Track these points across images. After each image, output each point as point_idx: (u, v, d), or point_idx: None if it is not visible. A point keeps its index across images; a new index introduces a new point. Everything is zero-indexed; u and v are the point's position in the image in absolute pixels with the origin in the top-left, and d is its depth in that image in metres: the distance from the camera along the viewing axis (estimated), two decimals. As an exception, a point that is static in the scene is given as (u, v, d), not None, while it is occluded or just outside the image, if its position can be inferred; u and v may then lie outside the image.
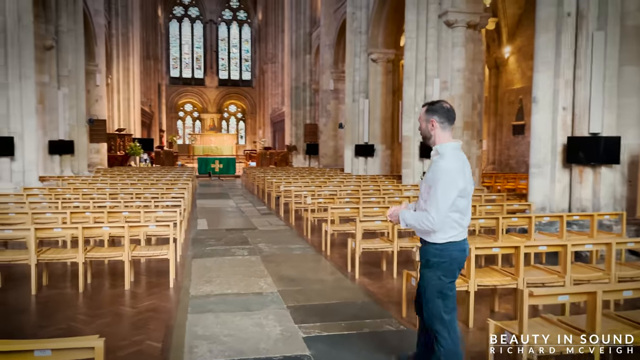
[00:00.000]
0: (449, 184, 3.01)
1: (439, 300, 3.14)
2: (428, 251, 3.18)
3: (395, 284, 6.32)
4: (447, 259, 3.13)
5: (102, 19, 22.50)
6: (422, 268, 3.24)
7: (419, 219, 3.08)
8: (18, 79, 11.94)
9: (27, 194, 9.80)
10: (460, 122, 13.63)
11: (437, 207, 3.01)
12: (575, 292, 3.36)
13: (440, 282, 3.13)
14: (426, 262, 3.19)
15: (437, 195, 3.01)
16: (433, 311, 3.16)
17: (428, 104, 3.26)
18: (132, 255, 5.97)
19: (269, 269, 7.07)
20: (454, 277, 3.20)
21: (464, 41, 13.49)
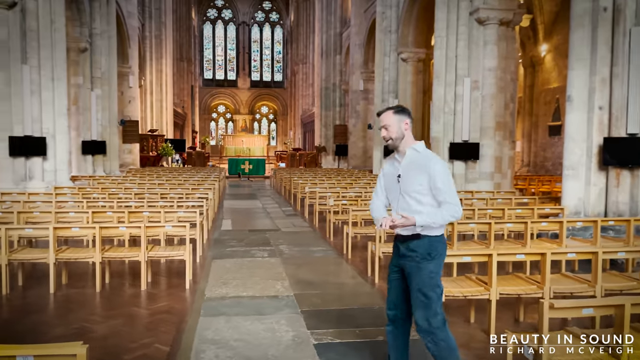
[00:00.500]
0: (447, 175, 3.13)
1: (436, 294, 3.15)
2: (430, 244, 3.16)
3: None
4: (443, 249, 3.22)
5: (136, 21, 22.91)
6: (421, 262, 3.16)
7: (444, 215, 3.08)
8: (50, 81, 12.21)
9: (55, 193, 9.98)
10: (492, 122, 13.23)
11: (454, 198, 3.10)
12: (601, 304, 3.08)
13: (437, 274, 3.18)
14: (428, 255, 3.15)
15: (451, 188, 3.11)
16: (433, 306, 3.13)
17: (386, 109, 3.27)
18: (148, 255, 5.93)
19: (288, 271, 6.94)
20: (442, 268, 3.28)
21: (496, 39, 13.09)
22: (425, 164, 3.11)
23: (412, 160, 3.17)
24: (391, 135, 3.19)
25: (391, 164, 3.34)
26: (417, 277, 3.16)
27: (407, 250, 3.20)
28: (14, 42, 11.55)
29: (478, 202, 10.03)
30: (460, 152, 13.40)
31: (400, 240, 3.27)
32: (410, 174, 3.14)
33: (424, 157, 3.15)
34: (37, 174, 12.08)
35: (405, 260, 3.22)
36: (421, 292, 3.15)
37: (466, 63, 13.35)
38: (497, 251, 4.55)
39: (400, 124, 3.18)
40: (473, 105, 13.25)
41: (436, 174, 3.07)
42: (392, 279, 3.39)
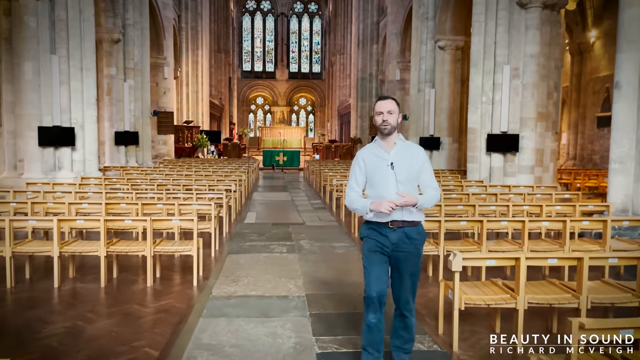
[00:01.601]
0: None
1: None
2: (420, 230, 3.42)
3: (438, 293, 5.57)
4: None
5: (171, 12, 22.92)
6: (419, 247, 3.41)
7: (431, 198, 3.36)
8: (79, 71, 12.21)
9: (79, 184, 9.93)
10: (533, 112, 12.40)
11: (436, 182, 3.42)
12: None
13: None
14: (422, 239, 3.43)
15: (432, 172, 3.45)
16: (416, 283, 3.47)
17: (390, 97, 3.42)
18: (154, 250, 5.66)
19: (304, 268, 6.56)
20: None
21: (539, 23, 12.22)
22: (415, 153, 3.39)
23: (401, 148, 3.38)
24: (391, 122, 3.33)
25: (373, 154, 3.42)
26: (414, 262, 3.38)
27: (404, 238, 3.33)
28: (43, 32, 11.57)
29: (515, 198, 9.35)
30: (499, 143, 12.64)
31: (394, 227, 3.33)
32: (404, 162, 3.33)
33: (410, 145, 3.43)
34: (66, 164, 12.13)
35: (404, 247, 3.34)
36: (415, 274, 3.43)
37: (506, 50, 12.54)
38: (526, 255, 4.00)
39: (398, 115, 3.38)
40: (513, 94, 12.45)
41: (425, 161, 3.39)
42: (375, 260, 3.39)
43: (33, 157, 11.76)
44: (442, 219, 5.89)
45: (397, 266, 3.37)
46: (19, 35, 11.55)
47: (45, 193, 8.56)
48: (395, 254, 3.35)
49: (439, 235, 5.93)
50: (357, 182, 3.44)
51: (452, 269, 3.95)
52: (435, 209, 7.73)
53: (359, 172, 3.44)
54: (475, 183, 11.89)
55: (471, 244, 6.11)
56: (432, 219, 6.10)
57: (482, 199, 9.34)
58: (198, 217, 8.71)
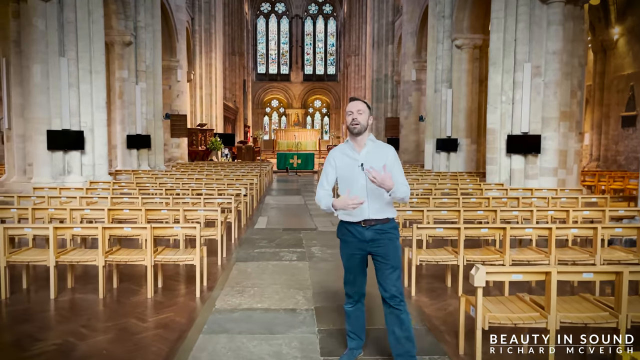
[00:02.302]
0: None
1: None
2: (395, 224, 3.50)
3: (457, 306, 5.16)
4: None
5: (184, 14, 22.79)
6: (395, 240, 3.46)
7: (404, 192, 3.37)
8: (89, 73, 12.04)
9: (87, 189, 9.70)
10: (556, 112, 11.90)
11: (405, 180, 3.45)
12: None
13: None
14: (396, 233, 3.48)
15: (402, 173, 3.46)
16: (398, 278, 3.47)
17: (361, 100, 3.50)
18: (155, 260, 5.34)
19: (314, 278, 6.20)
20: None
21: (562, 19, 11.73)
22: (385, 152, 3.45)
23: (371, 149, 3.44)
24: (362, 121, 3.39)
25: (344, 154, 3.49)
26: (393, 254, 3.42)
27: (378, 234, 3.41)
28: (52, 35, 11.41)
29: (538, 202, 8.87)
30: (519, 145, 12.15)
31: (366, 226, 3.42)
32: (374, 162, 3.35)
33: (380, 145, 3.48)
34: (76, 169, 11.94)
35: (379, 242, 3.41)
36: (396, 266, 3.44)
37: (526, 47, 12.05)
38: (557, 269, 3.58)
39: (369, 116, 3.44)
40: (534, 93, 11.96)
41: (395, 160, 3.46)
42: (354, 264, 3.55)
43: (42, 161, 11.59)
44: (462, 226, 5.47)
45: (378, 262, 3.45)
46: (27, 37, 11.41)
47: (50, 198, 8.34)
48: (373, 249, 3.43)
49: (458, 243, 5.52)
50: (328, 180, 3.55)
51: (475, 285, 3.55)
52: (454, 214, 7.32)
53: (330, 171, 3.54)
54: (495, 186, 11.41)
55: (493, 252, 5.68)
56: (451, 227, 5.69)
57: (502, 203, 8.89)
58: (206, 223, 8.44)
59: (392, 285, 3.43)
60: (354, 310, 3.69)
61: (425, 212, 6.98)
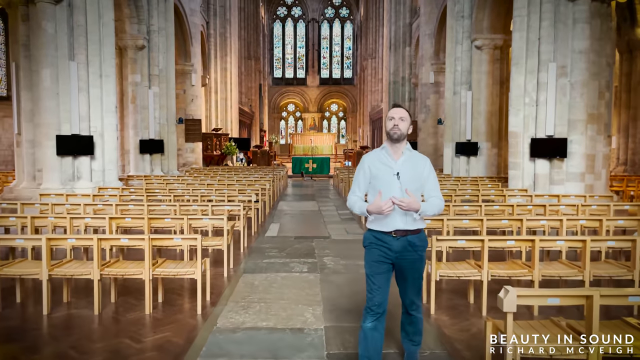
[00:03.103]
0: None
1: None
2: (422, 237, 3.45)
3: (482, 327, 4.69)
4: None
5: (199, 19, 22.62)
6: (423, 254, 3.46)
7: (434, 206, 3.37)
8: (99, 77, 11.81)
9: (93, 195, 9.43)
10: (583, 114, 11.31)
11: (439, 192, 3.47)
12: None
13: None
14: (424, 245, 3.45)
15: (438, 183, 3.48)
16: (420, 287, 3.56)
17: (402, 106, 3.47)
18: (153, 273, 4.98)
19: (325, 292, 5.77)
20: None
21: (588, 16, 11.15)
22: (422, 163, 3.45)
23: (408, 158, 3.42)
24: (402, 129, 3.37)
25: (379, 161, 3.43)
26: (418, 267, 3.45)
27: (407, 246, 3.37)
28: (61, 38, 11.21)
29: (566, 209, 8.33)
30: (544, 149, 11.57)
31: (397, 236, 3.37)
32: (410, 172, 3.38)
33: (417, 155, 3.47)
34: (85, 174, 11.71)
35: (407, 255, 3.39)
36: (420, 278, 3.51)
37: (551, 46, 11.49)
38: (600, 292, 3.10)
39: (409, 124, 3.42)
40: (559, 94, 11.38)
41: (431, 171, 3.46)
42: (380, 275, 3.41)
43: (51, 167, 11.39)
44: (486, 238, 5.00)
45: (403, 273, 3.45)
46: (36, 41, 11.23)
47: (54, 206, 8.06)
48: (399, 261, 3.40)
49: (482, 256, 5.04)
50: (359, 187, 3.51)
51: (504, 310, 3.09)
52: (476, 223, 6.83)
53: (362, 178, 3.49)
54: (518, 192, 10.86)
55: (520, 266, 5.19)
56: (473, 238, 5.22)
57: (527, 210, 8.35)
58: (214, 232, 8.08)
59: (412, 295, 3.53)
60: (373, 329, 3.42)
61: (445, 221, 6.51)
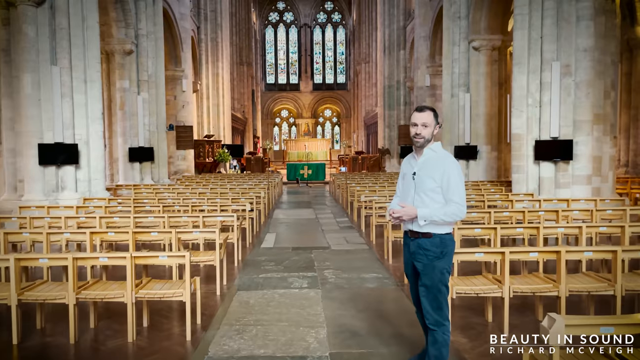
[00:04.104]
0: (461, 176, 3.24)
1: (445, 288, 3.28)
2: (442, 243, 3.25)
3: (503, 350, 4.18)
4: (452, 246, 3.31)
5: (189, 23, 22.11)
6: (434, 260, 3.25)
7: (447, 212, 3.17)
8: (83, 83, 11.27)
9: (77, 207, 8.87)
10: (589, 114, 10.91)
11: (462, 197, 3.21)
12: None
13: (448, 269, 3.29)
14: (440, 253, 3.24)
15: (460, 187, 3.22)
16: (442, 301, 3.26)
17: (427, 108, 3.34)
18: (136, 296, 4.44)
19: (328, 311, 5.25)
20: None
21: (593, 13, 10.77)
22: (441, 163, 3.24)
23: (428, 159, 3.28)
24: (425, 135, 3.26)
25: (408, 163, 3.43)
26: (429, 275, 3.25)
27: (418, 248, 3.29)
28: (43, 42, 10.68)
29: (579, 214, 7.86)
30: (549, 151, 11.15)
31: (411, 237, 3.34)
32: (426, 173, 3.25)
33: (440, 156, 3.28)
34: (70, 184, 11.15)
35: (418, 257, 3.30)
36: (434, 288, 3.25)
37: (554, 44, 11.09)
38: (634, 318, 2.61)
39: (434, 128, 3.29)
40: (564, 94, 10.98)
41: (450, 173, 3.20)
42: (408, 274, 3.51)
43: (33, 177, 10.81)
44: (507, 250, 4.50)
45: (420, 278, 3.34)
46: (17, 45, 10.68)
47: (32, 219, 7.49)
48: (415, 263, 3.34)
49: (502, 270, 4.54)
50: (397, 189, 3.57)
51: (550, 343, 2.59)
52: (488, 232, 6.34)
53: (399, 180, 3.54)
54: (524, 197, 10.40)
55: (543, 280, 4.70)
56: (492, 250, 4.73)
57: (538, 216, 7.88)
58: (206, 244, 7.55)
59: (427, 304, 3.31)
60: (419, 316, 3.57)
61: (456, 229, 6.01)
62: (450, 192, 3.20)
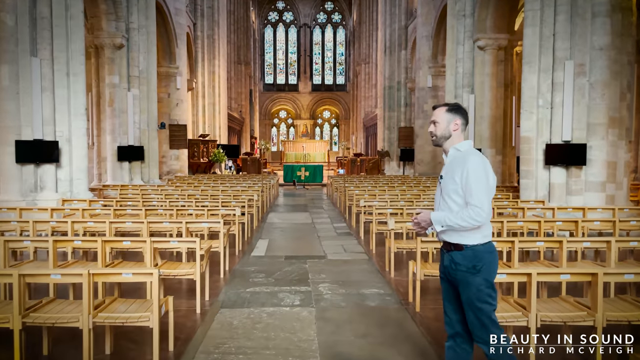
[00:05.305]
0: (485, 179, 2.90)
1: (487, 305, 2.93)
2: (475, 256, 2.93)
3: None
4: (491, 258, 2.98)
5: (184, 19, 21.41)
6: (467, 276, 2.93)
7: (464, 216, 2.87)
8: (65, 76, 10.56)
9: (51, 209, 8.17)
10: (604, 117, 10.25)
11: (481, 200, 2.85)
12: None
13: (487, 284, 2.94)
14: (472, 268, 2.93)
15: (480, 188, 2.88)
16: (483, 319, 2.94)
17: (443, 105, 3.13)
18: (94, 320, 3.74)
19: (323, 336, 4.56)
20: (495, 276, 3.00)
21: (609, 9, 10.12)
22: (462, 162, 2.95)
23: (453, 159, 3.04)
24: (437, 132, 3.06)
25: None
26: (465, 292, 2.96)
27: (450, 262, 3.02)
28: (23, 32, 9.96)
29: (601, 225, 7.18)
30: (560, 155, 10.49)
31: (445, 250, 3.08)
32: (449, 174, 3.01)
33: (464, 154, 3.00)
34: (50, 184, 10.44)
35: (450, 272, 3.03)
36: (472, 306, 2.95)
37: (567, 42, 10.43)
38: None
39: (449, 123, 3.04)
40: (577, 95, 10.32)
41: (469, 172, 2.90)
42: (443, 288, 3.16)
43: (10, 176, 10.10)
44: (534, 271, 3.81)
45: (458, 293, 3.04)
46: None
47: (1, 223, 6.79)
48: (450, 278, 3.05)
49: (528, 294, 3.85)
50: None
51: None
52: (506, 245, 5.66)
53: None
54: (535, 204, 9.72)
55: (574, 305, 4.02)
56: (516, 272, 4.04)
57: (550, 226, 7.19)
58: (189, 254, 6.85)
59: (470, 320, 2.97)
60: (449, 348, 3.14)
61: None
62: (468, 193, 2.90)
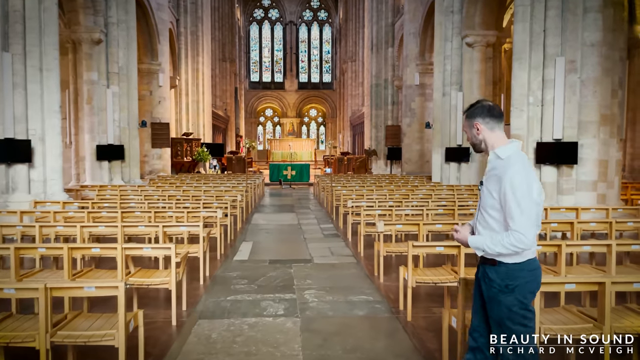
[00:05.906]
0: (528, 196, 2.51)
1: (521, 327, 2.63)
2: (507, 274, 2.62)
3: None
4: (529, 277, 2.64)
5: (167, 14, 20.89)
6: (498, 294, 2.64)
7: (504, 243, 2.52)
8: (38, 72, 10.06)
9: (21, 212, 7.71)
10: (596, 114, 10.05)
11: (522, 224, 2.50)
12: None
13: (522, 305, 2.62)
14: (505, 287, 2.62)
15: (521, 210, 2.50)
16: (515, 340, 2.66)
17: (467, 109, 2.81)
18: (52, 340, 3.34)
19: (308, 350, 4.22)
20: (533, 297, 2.71)
21: (601, 5, 9.92)
22: (502, 174, 2.58)
23: (494, 167, 2.68)
24: (473, 140, 2.78)
25: None
26: (494, 309, 2.69)
27: (483, 276, 2.74)
28: (-8, 25, 9.47)
29: (597, 226, 6.93)
30: (551, 154, 10.27)
31: (480, 262, 2.80)
32: (488, 185, 2.67)
33: (504, 164, 2.61)
34: (22, 185, 9.95)
35: (483, 285, 2.75)
36: (503, 326, 2.66)
37: (558, 38, 10.21)
38: None
39: (471, 129, 2.76)
40: (569, 92, 10.10)
41: (507, 189, 2.54)
42: (474, 295, 2.88)
43: (-21, 177, 9.61)
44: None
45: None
46: (-38, 28, 9.46)
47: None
48: (481, 290, 2.78)
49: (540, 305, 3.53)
50: None
51: None
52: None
53: None
54: (526, 204, 9.45)
55: (580, 317, 3.73)
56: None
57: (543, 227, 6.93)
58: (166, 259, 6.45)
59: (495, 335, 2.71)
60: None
61: (462, 250, 5.01)
62: (508, 215, 2.55)
